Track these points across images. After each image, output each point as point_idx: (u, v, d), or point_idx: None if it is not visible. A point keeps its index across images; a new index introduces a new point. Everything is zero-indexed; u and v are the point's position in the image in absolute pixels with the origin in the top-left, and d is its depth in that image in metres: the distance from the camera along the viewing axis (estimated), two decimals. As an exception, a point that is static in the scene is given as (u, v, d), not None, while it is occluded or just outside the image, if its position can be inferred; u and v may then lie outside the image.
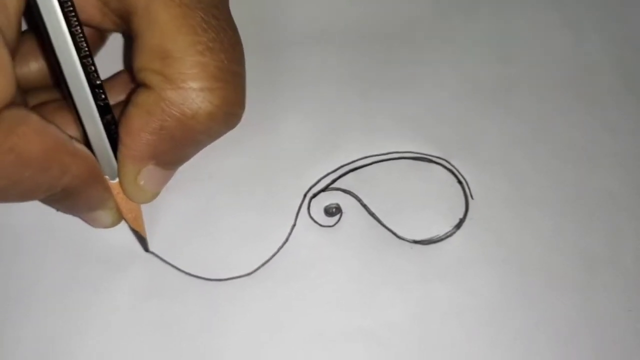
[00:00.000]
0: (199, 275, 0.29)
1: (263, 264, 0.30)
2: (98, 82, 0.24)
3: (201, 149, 0.27)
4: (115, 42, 0.32)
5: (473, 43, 0.35)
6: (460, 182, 0.31)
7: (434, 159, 0.31)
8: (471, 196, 0.30)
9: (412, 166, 0.31)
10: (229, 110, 0.25)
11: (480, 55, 0.34)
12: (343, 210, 0.30)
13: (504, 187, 0.31)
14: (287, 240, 0.30)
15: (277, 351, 0.28)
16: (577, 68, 0.34)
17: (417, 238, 0.30)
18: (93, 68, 0.23)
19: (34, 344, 0.28)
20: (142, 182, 0.26)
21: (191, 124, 0.24)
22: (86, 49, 0.23)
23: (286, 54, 0.34)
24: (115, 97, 0.28)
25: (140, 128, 0.24)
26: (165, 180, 0.28)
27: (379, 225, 0.30)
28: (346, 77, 0.33)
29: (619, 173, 0.31)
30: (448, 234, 0.30)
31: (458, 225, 0.30)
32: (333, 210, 0.30)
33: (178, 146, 0.25)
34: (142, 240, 0.29)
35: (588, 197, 0.31)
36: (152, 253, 0.29)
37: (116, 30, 0.28)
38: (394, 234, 0.30)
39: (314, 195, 0.31)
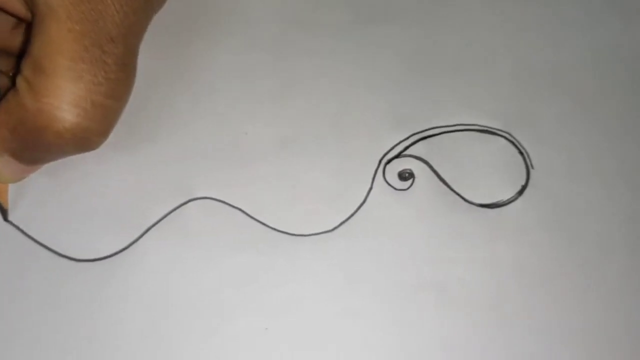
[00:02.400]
0: (286, 231, 0.32)
1: (343, 222, 0.32)
2: None
3: (58, 158, 0.28)
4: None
5: (524, 28, 0.37)
6: (521, 153, 0.34)
7: (496, 131, 0.34)
8: (531, 166, 0.33)
9: (477, 138, 0.34)
10: (82, 135, 0.25)
11: (532, 40, 0.37)
12: (415, 176, 0.33)
13: (561, 158, 0.34)
14: (364, 201, 0.33)
15: (354, 300, 0.31)
16: (626, 50, 0.36)
17: (483, 202, 0.33)
18: None
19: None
20: None
21: (41, 136, 0.25)
22: None
23: (355, 30, 0.36)
24: None
25: (0, 122, 0.26)
26: (24, 172, 0.29)
27: (448, 190, 0.33)
28: (409, 54, 0.36)
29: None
30: (511, 199, 0.33)
31: (520, 192, 0.33)
32: (406, 175, 0.33)
33: (30, 150, 0.26)
34: (2, 211, 0.31)
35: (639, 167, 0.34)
36: (10, 223, 0.31)
37: None
38: (462, 197, 0.33)
39: (389, 161, 0.33)
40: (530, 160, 0.34)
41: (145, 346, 0.30)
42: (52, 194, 0.32)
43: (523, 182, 0.33)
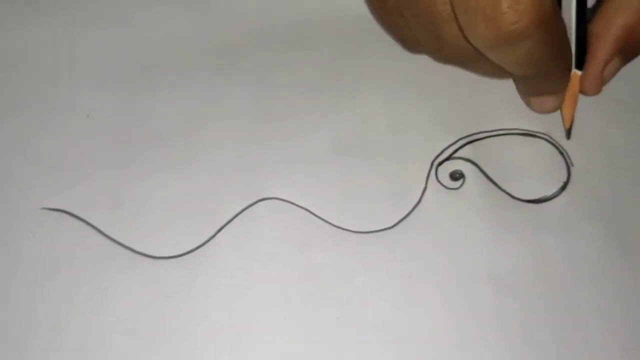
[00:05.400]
0: (349, 228, 0.34)
1: (401, 220, 0.35)
2: None
3: None
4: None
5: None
6: (561, 153, 0.36)
7: (537, 134, 0.37)
8: (571, 163, 0.36)
9: (520, 140, 0.37)
10: None
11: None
12: (465, 176, 0.36)
13: (599, 157, 0.36)
14: (420, 200, 0.35)
15: (415, 292, 0.33)
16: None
17: (529, 198, 0.35)
18: None
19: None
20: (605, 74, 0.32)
21: None
22: None
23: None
24: None
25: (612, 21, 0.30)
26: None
27: (496, 188, 0.36)
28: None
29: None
30: (555, 195, 0.35)
31: (563, 188, 0.36)
32: (457, 176, 0.36)
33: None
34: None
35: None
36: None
37: None
38: (510, 194, 0.35)
39: (440, 163, 0.36)
40: (570, 159, 0.36)
41: (221, 341, 0.32)
42: (127, 195, 0.35)
43: (565, 179, 0.36)
